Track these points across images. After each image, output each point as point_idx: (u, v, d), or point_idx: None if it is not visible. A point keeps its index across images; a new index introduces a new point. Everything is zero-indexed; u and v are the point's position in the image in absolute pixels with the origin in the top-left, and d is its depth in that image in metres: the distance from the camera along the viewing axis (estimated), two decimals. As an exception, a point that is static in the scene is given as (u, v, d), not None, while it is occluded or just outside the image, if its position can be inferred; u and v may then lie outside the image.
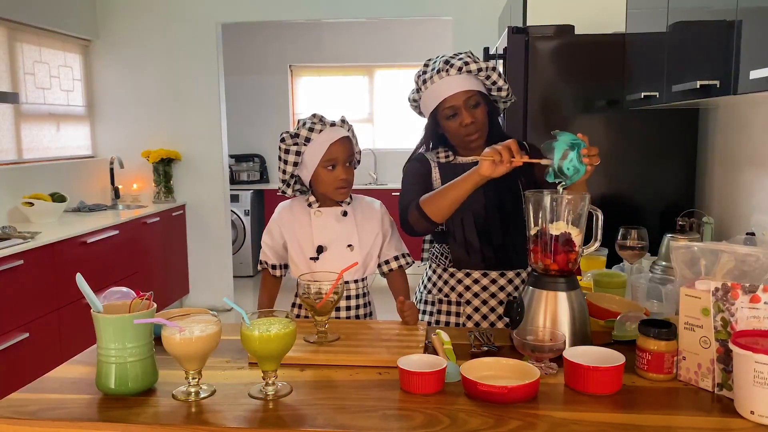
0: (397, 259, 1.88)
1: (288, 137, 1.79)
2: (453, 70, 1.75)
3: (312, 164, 1.78)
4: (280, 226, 1.87)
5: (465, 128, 1.77)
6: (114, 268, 3.93)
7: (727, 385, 1.22)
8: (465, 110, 1.76)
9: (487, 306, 1.83)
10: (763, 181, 2.06)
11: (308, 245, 1.82)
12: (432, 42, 6.25)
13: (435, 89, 1.78)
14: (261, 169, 6.70)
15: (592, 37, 2.60)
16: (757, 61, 1.28)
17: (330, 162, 1.77)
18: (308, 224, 1.83)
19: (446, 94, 1.76)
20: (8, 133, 4.00)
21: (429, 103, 1.81)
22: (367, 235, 1.84)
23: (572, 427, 1.11)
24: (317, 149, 1.76)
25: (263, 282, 1.95)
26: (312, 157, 1.77)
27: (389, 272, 1.89)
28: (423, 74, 1.82)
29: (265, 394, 1.25)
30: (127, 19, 4.83)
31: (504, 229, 1.81)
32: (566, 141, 1.47)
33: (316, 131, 1.77)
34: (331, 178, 1.78)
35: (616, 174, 2.63)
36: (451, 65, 1.76)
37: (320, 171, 1.78)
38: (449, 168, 1.83)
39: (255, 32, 6.60)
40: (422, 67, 1.84)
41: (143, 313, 1.27)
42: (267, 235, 1.90)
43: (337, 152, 1.77)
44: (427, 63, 1.84)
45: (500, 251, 1.82)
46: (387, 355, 1.42)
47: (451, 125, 1.79)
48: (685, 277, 1.34)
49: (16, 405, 1.23)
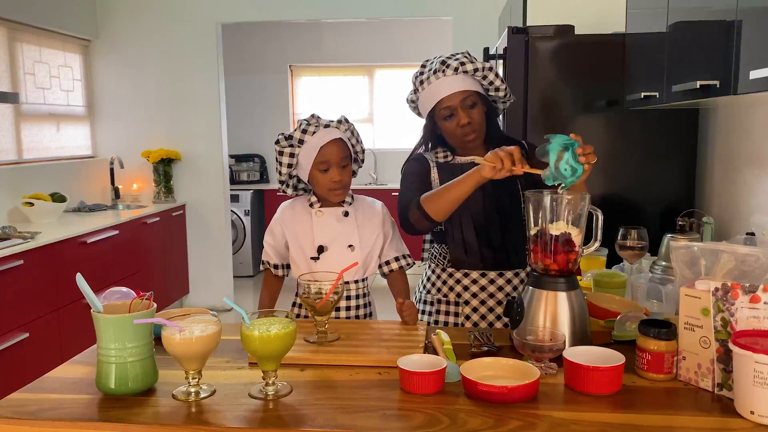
0: (397, 260, 1.88)
1: (282, 139, 1.80)
2: (449, 71, 1.75)
3: (306, 166, 1.79)
4: (282, 226, 1.87)
5: (462, 128, 1.77)
6: (114, 268, 3.93)
7: (727, 385, 1.22)
8: (461, 110, 1.76)
9: (485, 306, 1.83)
10: (763, 181, 2.06)
11: (309, 245, 1.82)
12: (432, 42, 6.25)
13: (432, 90, 1.78)
14: (261, 169, 6.70)
15: (592, 37, 2.60)
16: (757, 61, 1.28)
17: (323, 164, 1.77)
18: (309, 224, 1.83)
19: (443, 95, 1.76)
20: (8, 133, 4.00)
21: (426, 104, 1.81)
22: (368, 236, 1.84)
23: (572, 427, 1.11)
24: (310, 151, 1.77)
25: (265, 282, 1.95)
26: (306, 159, 1.78)
27: (389, 273, 1.89)
28: (420, 75, 1.82)
29: (265, 394, 1.25)
30: (127, 19, 4.83)
31: (502, 229, 1.81)
32: (559, 143, 1.47)
33: (309, 133, 1.77)
34: (325, 180, 1.78)
35: (616, 174, 2.63)
36: (447, 65, 1.76)
37: (314, 173, 1.79)
38: (448, 168, 1.83)
39: (255, 32, 6.60)
40: (419, 68, 1.85)
41: (143, 313, 1.27)
42: (269, 235, 1.90)
43: (329, 154, 1.76)
44: (425, 64, 1.84)
45: (499, 251, 1.82)
46: (387, 355, 1.42)
47: (448, 125, 1.79)
48: (685, 277, 1.34)
49: (16, 405, 1.23)
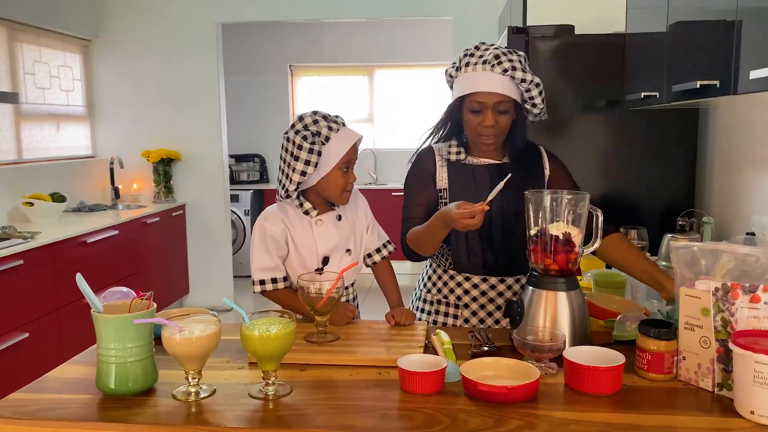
0: (379, 251, 1.86)
1: (309, 135, 1.63)
2: (498, 68, 1.69)
3: (327, 166, 1.65)
4: (288, 236, 1.71)
5: (483, 128, 1.72)
6: (114, 268, 3.93)
7: (727, 385, 1.23)
8: (491, 112, 1.71)
9: (485, 310, 1.82)
10: (763, 181, 2.06)
11: (310, 255, 1.72)
12: (432, 42, 6.25)
13: (472, 77, 1.71)
14: (261, 169, 6.70)
15: (592, 37, 2.60)
16: (757, 61, 1.28)
17: (346, 164, 1.68)
18: (310, 234, 1.73)
19: (480, 89, 1.70)
20: (8, 133, 4.00)
21: (462, 87, 1.74)
22: (359, 236, 1.82)
23: (572, 427, 1.11)
24: (336, 150, 1.65)
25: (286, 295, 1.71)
26: (328, 158, 1.65)
27: (373, 265, 1.87)
28: (470, 56, 1.74)
29: (265, 394, 1.25)
30: (126, 19, 4.83)
31: (506, 235, 1.79)
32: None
33: (335, 130, 1.66)
34: (343, 182, 1.68)
35: (616, 174, 2.63)
36: (499, 63, 1.69)
37: (334, 173, 1.66)
38: (459, 168, 1.80)
39: (255, 32, 6.59)
40: (473, 48, 1.76)
41: (143, 313, 1.27)
42: (267, 256, 1.69)
43: (353, 154, 1.70)
44: (478, 46, 1.76)
45: (501, 257, 1.80)
46: (387, 355, 1.42)
47: (472, 119, 1.73)
48: (685, 277, 1.33)
49: (16, 405, 1.23)
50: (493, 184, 1.77)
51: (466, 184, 1.78)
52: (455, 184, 1.79)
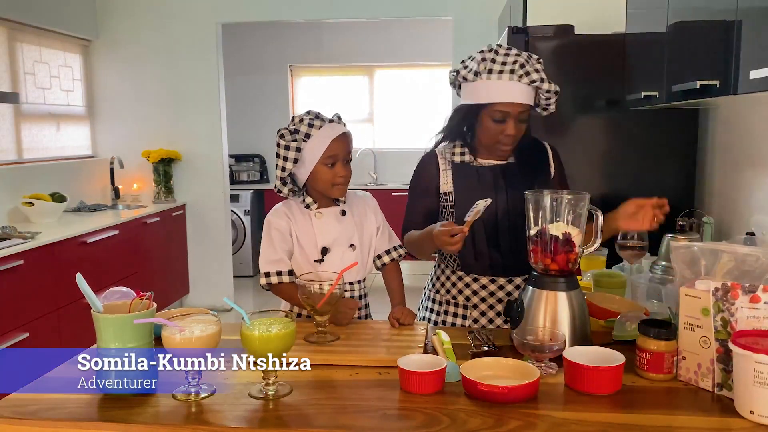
0: (389, 253, 1.87)
1: (287, 133, 1.74)
2: (526, 79, 1.67)
3: (311, 161, 1.74)
4: (291, 226, 1.78)
5: (504, 137, 1.72)
6: (114, 268, 3.93)
7: (727, 385, 1.23)
8: (514, 122, 1.70)
9: (493, 311, 1.82)
10: (763, 181, 2.06)
11: (311, 247, 1.79)
12: (432, 42, 6.24)
13: (498, 86, 1.68)
14: (261, 169, 6.70)
15: (592, 37, 2.60)
16: (757, 61, 1.28)
17: (331, 159, 1.74)
18: (310, 226, 1.80)
19: (506, 99, 1.68)
20: (8, 133, 4.00)
21: (483, 94, 1.71)
22: (367, 234, 1.83)
23: (572, 427, 1.11)
24: (318, 146, 1.73)
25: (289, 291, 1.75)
26: (312, 153, 1.73)
27: (382, 266, 1.88)
28: (491, 62, 1.69)
29: (265, 394, 1.25)
30: (127, 19, 4.83)
31: (513, 236, 1.78)
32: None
33: (316, 127, 1.74)
34: (330, 175, 1.75)
35: (616, 174, 2.63)
36: (527, 74, 1.67)
37: (319, 168, 1.74)
38: (464, 169, 1.81)
39: (255, 32, 6.59)
40: (487, 52, 1.72)
41: (143, 313, 1.27)
42: (272, 249, 1.76)
43: (338, 149, 1.74)
44: (497, 50, 1.72)
45: (508, 258, 1.80)
46: (387, 355, 1.43)
47: (493, 128, 1.72)
48: (685, 277, 1.33)
49: (16, 405, 1.23)
50: (498, 185, 1.78)
51: (471, 185, 1.79)
52: (460, 187, 1.80)
